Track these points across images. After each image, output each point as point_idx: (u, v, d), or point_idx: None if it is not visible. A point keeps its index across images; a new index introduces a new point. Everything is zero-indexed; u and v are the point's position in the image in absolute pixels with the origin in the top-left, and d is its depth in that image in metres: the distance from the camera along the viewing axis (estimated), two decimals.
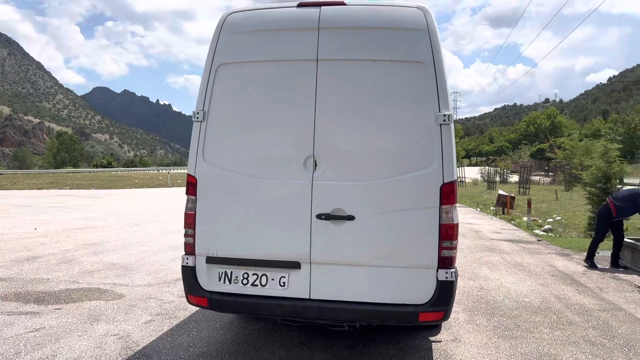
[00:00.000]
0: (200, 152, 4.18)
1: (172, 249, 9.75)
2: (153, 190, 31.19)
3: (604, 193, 13.92)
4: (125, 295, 6.33)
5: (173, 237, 11.35)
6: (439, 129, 3.85)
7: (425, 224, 3.85)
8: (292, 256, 4.00)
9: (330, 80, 3.98)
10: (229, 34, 4.20)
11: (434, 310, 3.83)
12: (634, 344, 4.98)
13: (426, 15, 3.96)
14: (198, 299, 4.16)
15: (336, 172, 3.94)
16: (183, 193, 4.42)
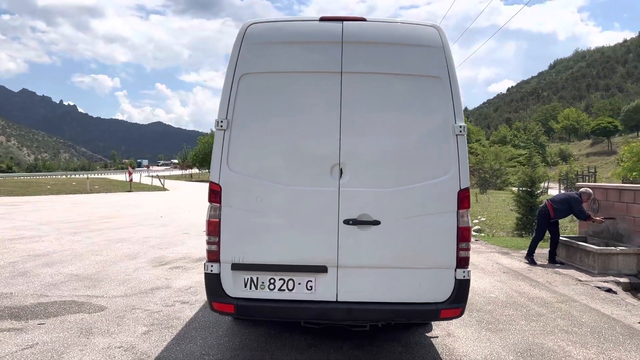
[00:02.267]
0: (224, 160, 4.23)
1: (129, 258, 9.42)
2: (72, 197, 29.46)
3: (529, 195, 15.17)
4: (107, 307, 6.11)
5: (123, 245, 10.95)
6: (455, 139, 4.19)
7: (444, 227, 4.17)
8: (320, 261, 4.16)
9: (353, 92, 4.20)
10: (251, 45, 4.28)
11: (453, 307, 4.16)
12: (600, 330, 5.62)
13: (440, 33, 4.30)
14: (223, 305, 4.20)
15: (361, 179, 4.15)
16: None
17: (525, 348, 4.98)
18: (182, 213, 19.17)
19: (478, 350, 4.90)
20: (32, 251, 10.08)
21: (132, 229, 13.86)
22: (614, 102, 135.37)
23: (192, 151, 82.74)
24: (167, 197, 30.22)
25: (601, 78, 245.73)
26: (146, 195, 32.84)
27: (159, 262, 9.09)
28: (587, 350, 4.96)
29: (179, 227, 14.66)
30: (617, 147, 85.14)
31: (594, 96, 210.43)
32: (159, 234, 13.01)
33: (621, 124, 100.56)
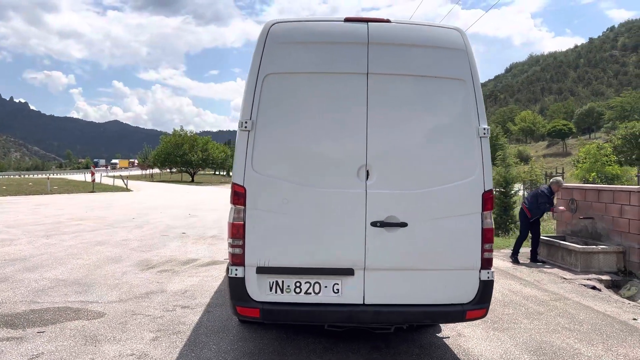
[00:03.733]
0: (249, 162, 4.14)
1: (113, 262, 9.12)
2: (32, 198, 28.29)
3: (504, 196, 15.54)
4: (105, 313, 5.89)
5: (103, 248, 10.59)
6: (479, 141, 4.24)
7: (469, 228, 4.21)
8: (347, 263, 4.13)
9: (380, 94, 4.18)
10: (275, 44, 4.21)
11: (478, 308, 4.21)
12: (600, 328, 5.79)
13: (463, 36, 4.34)
14: (248, 310, 4.11)
15: (388, 181, 4.14)
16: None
17: (536, 347, 5.08)
18: (154, 214, 18.72)
19: (493, 350, 4.97)
20: (6, 255, 9.62)
21: (107, 231, 13.44)
22: (567, 105, 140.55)
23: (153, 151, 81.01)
24: (134, 199, 29.45)
25: (554, 82, 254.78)
26: (110, 196, 31.91)
27: (146, 266, 8.84)
28: (594, 348, 5.11)
29: (155, 229, 14.31)
30: (572, 149, 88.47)
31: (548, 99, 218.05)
32: (137, 236, 12.65)
33: (575, 126, 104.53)
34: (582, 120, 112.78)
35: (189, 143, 69.72)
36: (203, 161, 70.97)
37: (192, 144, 69.90)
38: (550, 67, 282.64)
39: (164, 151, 70.56)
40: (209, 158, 71.71)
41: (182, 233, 13.41)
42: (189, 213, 19.44)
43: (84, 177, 59.98)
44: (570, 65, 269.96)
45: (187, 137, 71.93)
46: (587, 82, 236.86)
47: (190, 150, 68.71)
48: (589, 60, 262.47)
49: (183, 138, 71.11)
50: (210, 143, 74.27)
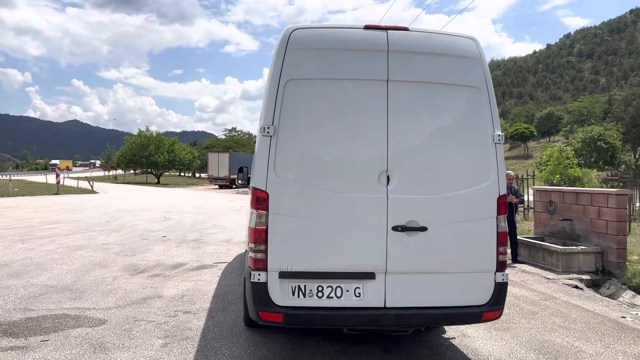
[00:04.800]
0: (271, 167, 4.16)
1: (99, 267, 8.91)
2: None
3: None
4: (107, 320, 5.77)
5: (85, 253, 10.33)
6: (494, 147, 4.38)
7: (485, 232, 4.34)
8: (368, 267, 4.19)
9: (400, 100, 4.27)
10: (296, 50, 4.24)
11: (494, 309, 4.34)
12: (593, 326, 6.04)
13: (477, 45, 4.48)
14: (271, 315, 4.13)
15: (408, 186, 4.23)
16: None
17: (539, 345, 5.26)
18: (129, 217, 18.33)
19: (500, 349, 5.12)
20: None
21: (84, 235, 13.09)
22: (528, 109, 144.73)
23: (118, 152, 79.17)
24: (102, 201, 28.74)
25: (515, 86, 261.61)
26: (77, 198, 31.03)
27: (135, 270, 8.67)
28: (593, 345, 5.33)
29: (134, 232, 14.03)
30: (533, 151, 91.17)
31: (508, 103, 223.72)
32: (117, 240, 12.38)
33: (535, 129, 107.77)
34: (542, 124, 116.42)
35: (154, 144, 68.37)
36: (169, 162, 69.70)
37: (158, 145, 68.58)
38: (511, 71, 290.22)
39: (128, 152, 68.96)
40: (176, 159, 70.47)
41: (162, 236, 13.20)
42: (164, 216, 19.11)
43: (44, 178, 58.11)
44: (529, 70, 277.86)
45: (152, 137, 70.54)
46: (545, 87, 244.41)
47: (156, 151, 67.38)
48: (547, 66, 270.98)
49: (149, 139, 69.69)
50: (176, 144, 73.00)
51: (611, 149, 55.83)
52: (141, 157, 67.53)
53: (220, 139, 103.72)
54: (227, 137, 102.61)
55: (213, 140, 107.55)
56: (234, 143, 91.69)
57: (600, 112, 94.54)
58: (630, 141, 63.56)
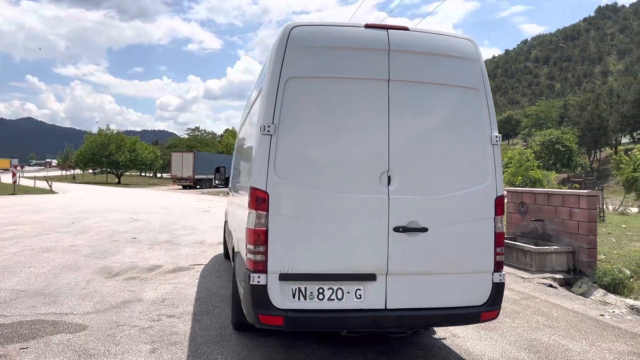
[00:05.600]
0: (271, 167, 4.06)
1: (70, 270, 8.56)
2: None
3: None
4: (87, 325, 5.53)
5: (53, 256, 9.91)
6: (492, 149, 4.41)
7: (484, 233, 4.36)
8: (369, 268, 4.15)
9: (400, 100, 4.24)
10: (297, 48, 4.16)
11: (492, 309, 4.37)
12: (575, 324, 6.19)
13: (475, 46, 4.51)
14: (271, 318, 4.03)
15: (409, 186, 4.21)
16: None
17: (528, 344, 5.33)
18: (94, 219, 17.75)
19: (491, 349, 5.16)
20: None
21: (49, 237, 12.58)
22: None
23: (76, 150, 76.75)
24: (63, 201, 27.77)
25: None
26: (36, 198, 29.90)
27: (108, 273, 8.37)
28: (579, 343, 5.44)
29: (101, 234, 13.58)
30: None
31: None
32: (85, 242, 11.95)
33: None
34: (501, 127, 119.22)
35: (115, 143, 66.62)
36: (131, 162, 68.06)
37: (120, 144, 66.86)
38: None
39: (88, 151, 66.93)
40: (138, 159, 68.88)
41: (132, 238, 12.82)
42: (131, 217, 18.60)
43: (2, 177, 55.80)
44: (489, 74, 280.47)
45: (113, 136, 68.72)
46: (504, 91, 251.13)
47: (117, 151, 65.65)
48: (506, 71, 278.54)
49: (109, 137, 67.85)
50: (138, 143, 71.37)
51: (568, 152, 57.75)
52: (101, 157, 65.70)
53: (183, 139, 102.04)
54: (191, 137, 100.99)
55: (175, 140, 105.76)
56: (198, 143, 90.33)
57: (556, 116, 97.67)
58: (585, 144, 65.97)
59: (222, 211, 23.31)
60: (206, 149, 79.99)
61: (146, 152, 71.69)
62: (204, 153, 61.70)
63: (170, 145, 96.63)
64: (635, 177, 28.37)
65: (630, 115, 62.15)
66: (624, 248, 11.09)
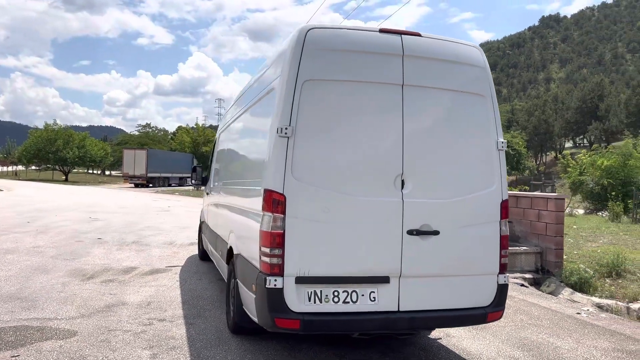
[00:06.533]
0: (288, 169, 4.03)
1: (41, 272, 8.17)
2: None
3: None
4: (77, 331, 5.31)
5: (17, 257, 9.44)
6: (498, 154, 4.54)
7: (490, 236, 4.50)
8: (383, 271, 4.19)
9: (414, 105, 4.31)
10: (314, 50, 4.16)
11: (497, 310, 4.51)
12: (557, 322, 6.46)
13: (482, 54, 4.65)
14: (288, 321, 4.01)
15: (422, 190, 4.28)
16: None
17: (520, 343, 5.52)
18: (50, 218, 17.01)
19: (487, 348, 5.31)
20: None
21: (7, 237, 11.95)
22: None
23: (20, 146, 73.19)
24: (13, 199, 26.46)
25: None
26: None
27: (83, 276, 8.06)
28: (565, 341, 5.68)
29: (63, 234, 13.02)
30: None
31: None
32: (47, 242, 11.43)
33: None
34: None
35: (63, 138, 63.97)
36: (79, 159, 65.54)
37: (68, 140, 64.26)
38: None
39: (33, 146, 63.96)
40: (87, 156, 66.40)
41: (97, 239, 12.37)
42: (89, 216, 17.92)
43: None
44: None
45: (61, 131, 65.95)
46: None
47: (64, 147, 63.05)
48: None
49: (57, 133, 65.06)
50: (88, 139, 68.85)
51: (517, 155, 60.04)
52: (48, 153, 62.94)
53: (134, 135, 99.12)
54: (142, 134, 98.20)
55: (126, 137, 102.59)
56: (149, 140, 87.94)
57: (504, 120, 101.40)
58: (533, 148, 68.87)
59: (182, 211, 22.87)
60: (158, 146, 78.03)
61: (96, 148, 69.30)
62: (157, 151, 60.23)
63: (120, 142, 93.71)
64: (582, 180, 29.78)
65: (574, 121, 65.32)
66: (582, 248, 11.62)
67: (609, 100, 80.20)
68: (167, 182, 55.49)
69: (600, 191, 27.37)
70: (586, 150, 41.85)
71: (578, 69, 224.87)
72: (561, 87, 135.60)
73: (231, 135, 7.02)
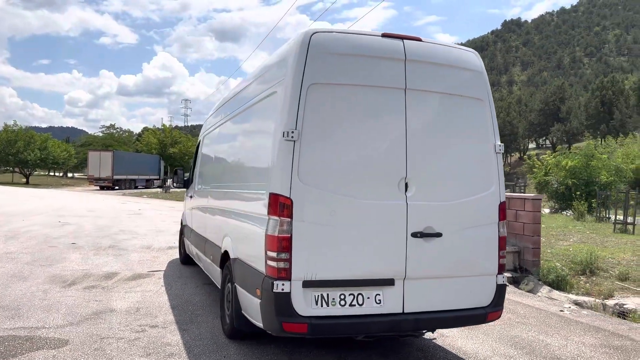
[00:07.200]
0: (295, 173, 4.03)
1: (18, 279, 7.91)
2: None
3: None
4: (68, 340, 5.16)
5: None
6: (495, 157, 4.64)
7: (490, 237, 4.60)
8: (388, 273, 4.23)
9: (416, 109, 4.37)
10: (319, 54, 4.17)
11: (496, 310, 4.61)
12: (543, 320, 6.64)
13: (479, 59, 4.74)
14: (295, 326, 4.00)
15: (425, 192, 4.34)
16: None
17: (512, 341, 5.65)
18: (17, 222, 16.45)
19: (482, 347, 5.42)
20: None
21: None
22: None
23: None
24: None
25: None
26: None
27: (64, 282, 7.83)
28: (554, 338, 5.84)
29: (34, 239, 12.62)
30: None
31: None
32: (19, 248, 11.06)
33: None
34: None
35: (24, 140, 61.91)
36: (42, 161, 63.54)
37: (29, 141, 62.21)
38: None
39: None
40: (49, 157, 64.43)
41: (71, 243, 12.03)
42: (59, 220, 17.42)
43: None
44: None
45: (22, 133, 63.81)
46: None
47: (25, 148, 61.02)
48: None
49: (17, 134, 62.90)
50: (50, 140, 66.80)
51: None
52: (7, 155, 60.80)
53: (98, 137, 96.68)
54: (106, 135, 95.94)
55: (89, 138, 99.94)
56: (114, 141, 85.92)
57: None
58: None
59: (154, 214, 22.48)
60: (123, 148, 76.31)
61: (58, 150, 67.30)
62: (123, 152, 58.99)
63: (83, 144, 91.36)
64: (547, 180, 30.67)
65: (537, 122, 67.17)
66: (555, 247, 11.98)
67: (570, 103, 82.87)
68: (134, 185, 54.47)
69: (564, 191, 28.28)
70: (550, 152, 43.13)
71: (539, 72, 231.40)
72: (524, 90, 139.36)
73: (221, 138, 6.92)
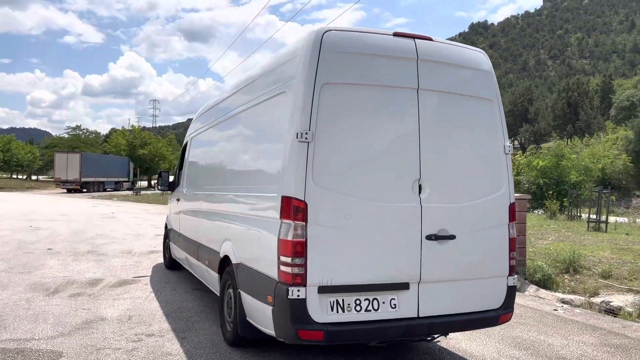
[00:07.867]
0: (309, 175, 3.91)
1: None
2: None
3: None
4: (62, 352, 4.91)
5: None
6: (505, 158, 4.62)
7: (500, 238, 4.57)
8: (403, 277, 4.15)
9: (429, 109, 4.30)
10: (330, 53, 4.06)
11: (507, 312, 4.59)
12: (541, 320, 6.68)
13: (487, 59, 4.71)
14: (311, 333, 3.88)
15: (438, 194, 4.28)
16: None
17: (515, 342, 5.65)
18: None
19: (486, 348, 5.39)
20: None
21: None
22: None
23: None
24: None
25: None
26: None
27: (47, 290, 7.50)
28: (555, 338, 5.87)
29: (7, 245, 12.12)
30: None
31: None
32: None
33: None
34: None
35: None
36: (5, 163, 61.48)
37: None
38: None
39: None
40: (13, 160, 62.37)
41: (48, 249, 11.59)
42: (30, 225, 16.81)
43: None
44: None
45: None
46: None
47: None
48: None
49: None
50: (13, 142, 64.68)
51: None
52: None
53: (64, 138, 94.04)
54: (72, 136, 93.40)
55: (55, 139, 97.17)
56: (81, 143, 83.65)
57: None
58: None
59: (128, 217, 21.95)
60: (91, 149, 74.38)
61: (22, 152, 65.22)
62: (91, 154, 57.52)
63: (48, 145, 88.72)
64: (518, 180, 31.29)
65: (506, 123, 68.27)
66: (535, 246, 12.15)
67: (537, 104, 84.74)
68: (103, 187, 53.20)
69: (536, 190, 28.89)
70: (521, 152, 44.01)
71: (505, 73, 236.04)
72: None
73: (216, 139, 6.70)
